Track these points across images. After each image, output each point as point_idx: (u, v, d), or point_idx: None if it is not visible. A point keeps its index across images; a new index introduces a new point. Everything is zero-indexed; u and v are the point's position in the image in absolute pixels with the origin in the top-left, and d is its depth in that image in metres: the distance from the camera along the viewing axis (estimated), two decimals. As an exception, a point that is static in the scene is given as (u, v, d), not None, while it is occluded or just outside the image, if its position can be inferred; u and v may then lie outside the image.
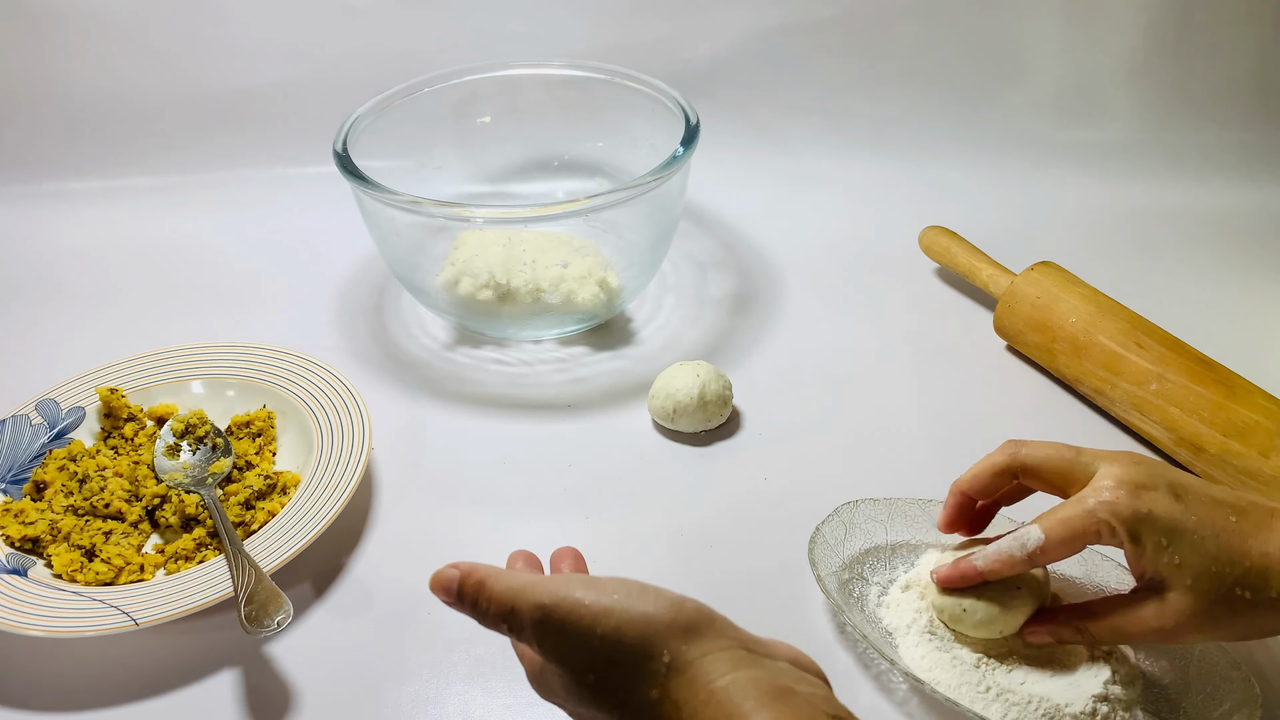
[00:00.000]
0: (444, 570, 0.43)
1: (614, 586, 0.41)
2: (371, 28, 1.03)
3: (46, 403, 0.73)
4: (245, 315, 0.88)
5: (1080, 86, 1.03)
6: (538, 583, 0.42)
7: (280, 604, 0.56)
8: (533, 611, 0.41)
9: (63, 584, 0.62)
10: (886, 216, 0.98)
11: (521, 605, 0.42)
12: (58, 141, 1.04)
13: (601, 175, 0.95)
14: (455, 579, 0.43)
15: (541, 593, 0.41)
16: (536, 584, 0.42)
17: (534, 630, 0.41)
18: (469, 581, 0.43)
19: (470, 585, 0.43)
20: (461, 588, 0.43)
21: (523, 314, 0.81)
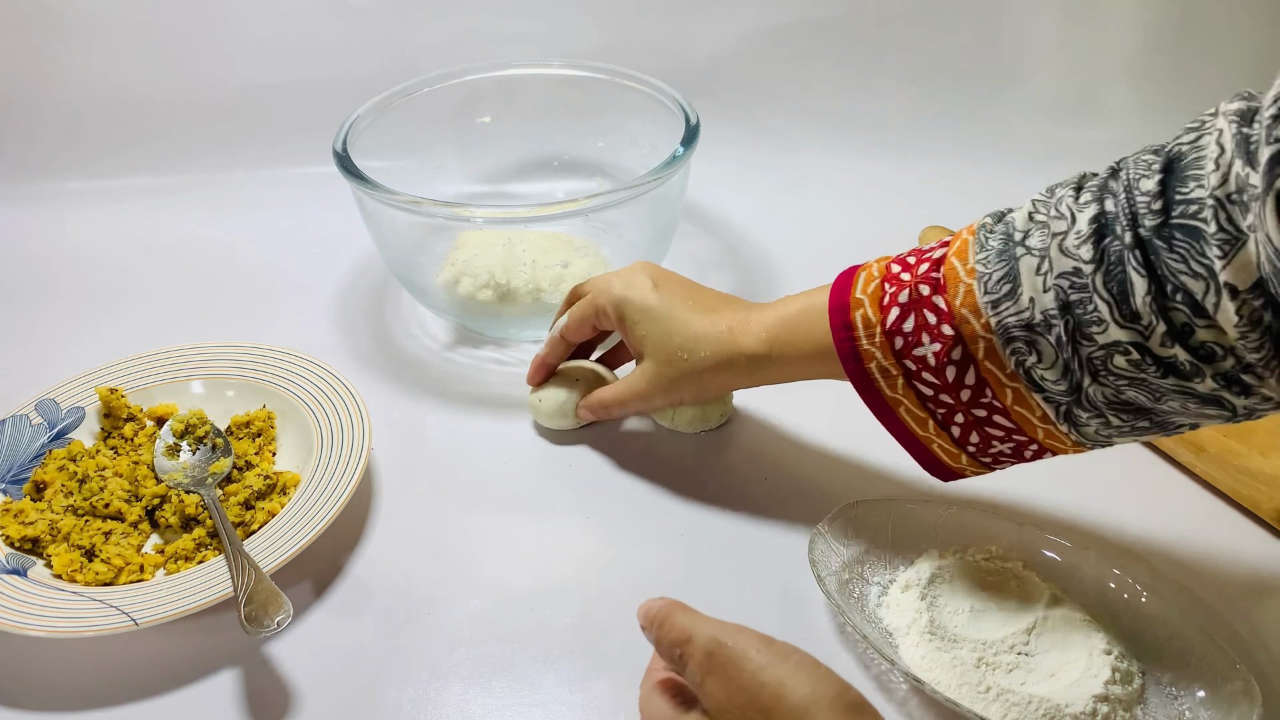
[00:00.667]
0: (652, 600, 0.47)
1: (790, 649, 0.44)
2: (371, 28, 1.03)
3: (46, 403, 0.73)
4: (245, 315, 0.88)
5: (1080, 86, 1.03)
6: (717, 623, 0.45)
7: (280, 604, 0.56)
8: (707, 643, 0.44)
9: (62, 584, 0.62)
10: (886, 216, 0.98)
11: (698, 636, 0.44)
12: (58, 141, 1.04)
13: (601, 175, 0.95)
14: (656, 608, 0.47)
15: (719, 630, 0.44)
16: (716, 623, 0.45)
17: (701, 662, 0.44)
18: (659, 610, 0.47)
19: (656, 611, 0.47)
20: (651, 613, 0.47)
21: (523, 314, 0.81)
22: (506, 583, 0.64)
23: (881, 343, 0.55)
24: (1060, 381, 0.50)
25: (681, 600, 0.48)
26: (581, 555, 0.65)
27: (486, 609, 0.62)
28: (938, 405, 0.55)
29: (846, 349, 0.56)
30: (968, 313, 0.52)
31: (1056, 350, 0.49)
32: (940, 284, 0.53)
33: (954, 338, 0.52)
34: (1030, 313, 0.50)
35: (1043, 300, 0.49)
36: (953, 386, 0.53)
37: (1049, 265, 0.49)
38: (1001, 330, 0.51)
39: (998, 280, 0.51)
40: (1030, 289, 0.50)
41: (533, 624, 0.61)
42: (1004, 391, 0.52)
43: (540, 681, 0.58)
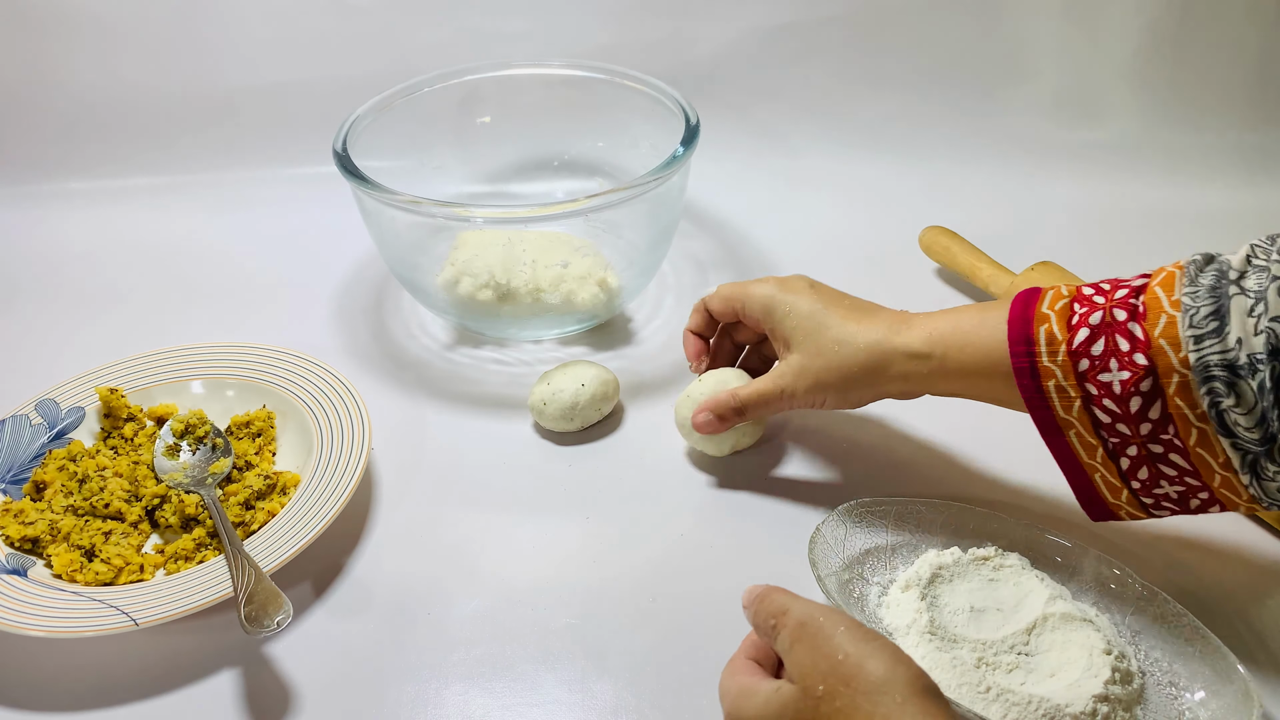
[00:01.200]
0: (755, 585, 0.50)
1: (874, 634, 0.45)
2: (371, 28, 1.03)
3: (46, 403, 0.73)
4: (245, 315, 0.88)
5: (1080, 86, 1.03)
6: (812, 602, 0.48)
7: (280, 604, 0.56)
8: (801, 615, 0.46)
9: (62, 584, 0.62)
10: (886, 216, 0.98)
11: (794, 609, 0.47)
12: (58, 141, 1.04)
13: (601, 175, 0.95)
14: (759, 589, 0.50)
15: (813, 607, 0.47)
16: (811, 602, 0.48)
17: (793, 630, 0.46)
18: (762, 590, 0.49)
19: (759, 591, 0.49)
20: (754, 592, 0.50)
21: (523, 314, 0.81)
22: (506, 583, 0.64)
23: (1064, 362, 0.53)
24: (1254, 429, 0.48)
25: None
26: (581, 555, 0.65)
27: (486, 609, 0.62)
28: (1112, 434, 0.53)
29: (1024, 364, 0.54)
30: (1166, 344, 0.50)
31: (1258, 396, 0.47)
32: (1139, 311, 0.51)
33: (1147, 368, 0.50)
34: (1236, 353, 0.48)
35: (1252, 342, 0.48)
36: (1134, 418, 0.51)
37: (1264, 308, 0.48)
38: (1201, 367, 0.49)
39: (1205, 315, 0.49)
40: (1239, 329, 0.48)
41: (533, 624, 0.61)
42: (1189, 431, 0.50)
43: (540, 681, 0.58)
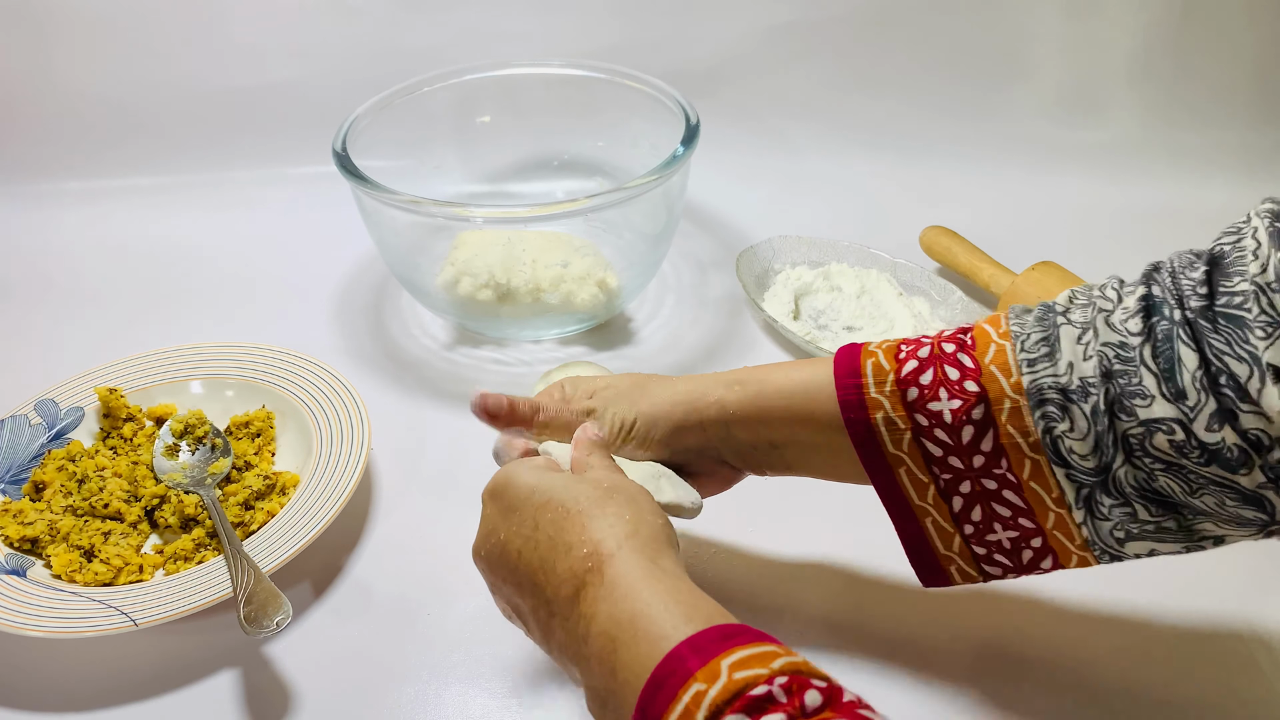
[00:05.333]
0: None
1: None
2: (371, 28, 1.02)
3: (45, 403, 0.73)
4: (244, 315, 0.88)
5: (1081, 86, 1.03)
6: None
7: (279, 604, 0.56)
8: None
9: (62, 584, 0.62)
10: (886, 216, 0.98)
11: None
12: (57, 141, 1.04)
13: (601, 175, 0.95)
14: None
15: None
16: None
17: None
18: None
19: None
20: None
21: (523, 314, 0.81)
22: (506, 583, 0.64)
23: (892, 392, 0.51)
24: (1089, 457, 0.47)
25: None
26: (581, 555, 0.65)
27: (486, 609, 0.61)
28: (944, 469, 0.51)
29: (852, 396, 0.51)
30: (996, 370, 0.49)
31: (1090, 421, 0.46)
32: (967, 344, 0.50)
33: (978, 395, 0.49)
34: (1068, 377, 0.47)
35: (1083, 367, 0.47)
36: (966, 449, 0.49)
37: (1093, 335, 0.47)
38: (1034, 390, 0.47)
39: (1036, 341, 0.48)
40: (1070, 354, 0.47)
41: (533, 624, 0.61)
42: (1022, 462, 0.49)
43: (540, 681, 0.58)
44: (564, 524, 0.46)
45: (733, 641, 0.40)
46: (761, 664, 0.38)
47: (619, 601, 0.43)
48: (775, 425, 0.54)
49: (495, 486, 0.51)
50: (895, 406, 0.50)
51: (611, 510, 0.47)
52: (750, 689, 0.37)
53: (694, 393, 0.56)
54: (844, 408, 0.52)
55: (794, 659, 0.39)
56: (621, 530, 0.46)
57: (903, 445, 0.51)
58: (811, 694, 0.37)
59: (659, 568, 0.44)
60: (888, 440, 0.51)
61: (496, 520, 0.50)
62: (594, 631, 0.43)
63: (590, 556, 0.45)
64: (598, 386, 0.58)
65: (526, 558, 0.47)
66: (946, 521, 0.52)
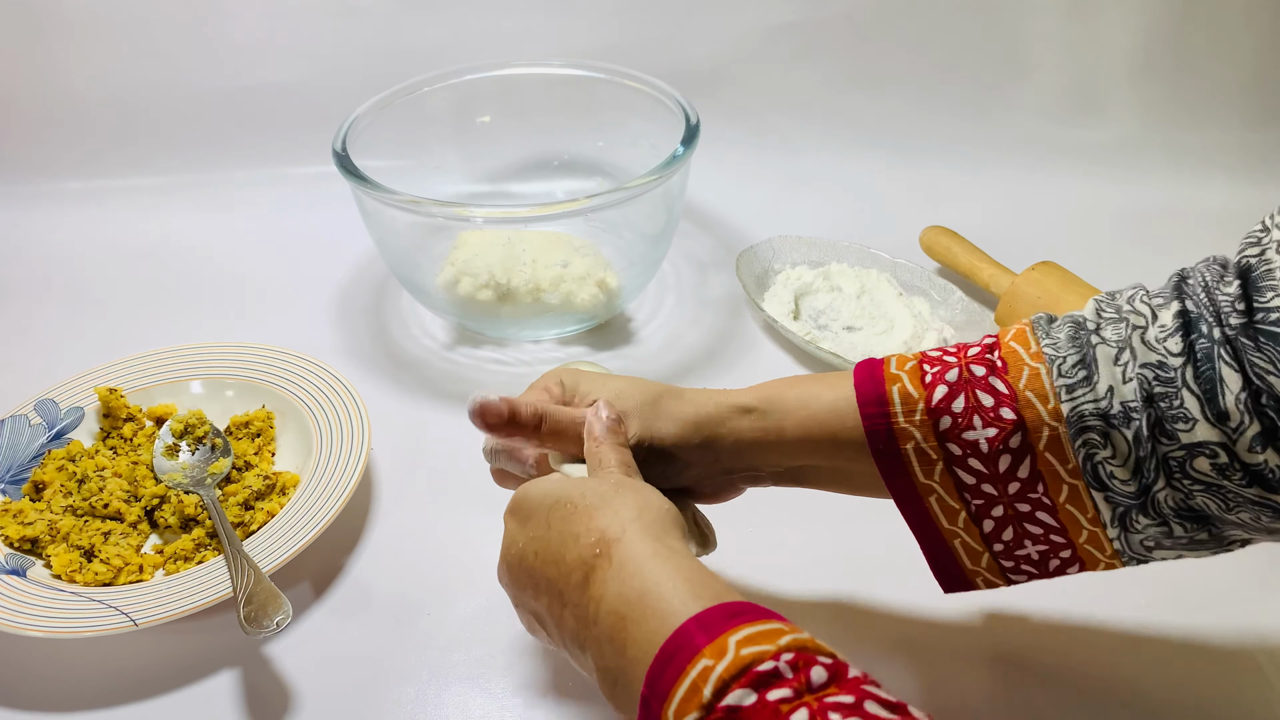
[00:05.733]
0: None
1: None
2: (371, 28, 1.02)
3: (45, 403, 0.73)
4: (245, 315, 0.88)
5: (1081, 86, 1.03)
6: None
7: (279, 604, 0.56)
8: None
9: (62, 584, 0.62)
10: (887, 216, 0.98)
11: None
12: (56, 141, 1.04)
13: (601, 175, 0.95)
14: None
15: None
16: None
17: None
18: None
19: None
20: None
21: (523, 314, 0.81)
22: (506, 583, 0.64)
23: (923, 421, 0.48)
24: (1130, 482, 0.46)
25: None
26: (581, 555, 0.65)
27: (486, 609, 0.62)
28: (976, 495, 0.49)
29: (879, 426, 0.49)
30: (1033, 396, 0.47)
31: (1133, 446, 0.45)
32: (998, 366, 0.48)
33: (1015, 423, 0.47)
34: (1108, 401, 0.45)
35: (1123, 390, 0.45)
36: (1002, 477, 0.48)
37: (1130, 355, 0.46)
38: (1075, 418, 0.46)
39: (1073, 365, 0.47)
40: (1109, 377, 0.46)
41: (533, 624, 0.61)
42: (1059, 488, 0.48)
43: (540, 681, 0.58)
44: (572, 518, 0.46)
45: (740, 619, 0.40)
46: (768, 640, 0.38)
47: (627, 580, 0.43)
48: (794, 454, 0.53)
49: (514, 503, 0.51)
50: (927, 437, 0.49)
51: (617, 499, 0.47)
52: (757, 664, 0.37)
53: (711, 420, 0.54)
54: (871, 438, 0.50)
55: (800, 636, 0.39)
56: (627, 514, 0.46)
57: (934, 475, 0.49)
58: (817, 670, 0.37)
59: (666, 546, 0.44)
60: (918, 471, 0.49)
61: (515, 532, 0.49)
62: (604, 611, 0.43)
63: (598, 543, 0.45)
64: (606, 394, 0.55)
65: (540, 556, 0.47)
66: (976, 542, 0.51)
